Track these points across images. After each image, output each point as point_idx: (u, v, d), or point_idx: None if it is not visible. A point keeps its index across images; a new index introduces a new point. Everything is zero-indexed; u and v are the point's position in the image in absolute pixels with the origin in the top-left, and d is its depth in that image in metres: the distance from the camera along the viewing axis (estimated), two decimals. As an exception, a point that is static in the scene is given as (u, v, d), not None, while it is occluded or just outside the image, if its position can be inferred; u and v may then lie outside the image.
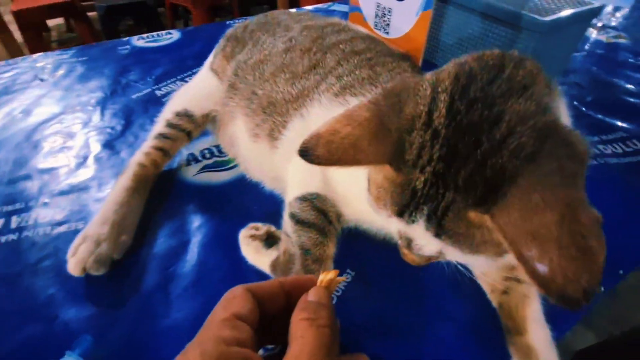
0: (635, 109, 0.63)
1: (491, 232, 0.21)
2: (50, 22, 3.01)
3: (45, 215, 0.43)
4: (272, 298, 0.22)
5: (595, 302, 0.30)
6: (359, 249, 0.38)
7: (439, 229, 0.22)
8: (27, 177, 0.48)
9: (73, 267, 0.34)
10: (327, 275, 0.23)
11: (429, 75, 0.25)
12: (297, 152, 0.24)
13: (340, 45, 0.41)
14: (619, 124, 0.59)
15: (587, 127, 0.58)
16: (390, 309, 0.34)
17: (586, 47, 0.84)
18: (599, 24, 0.94)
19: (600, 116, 0.61)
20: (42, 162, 0.50)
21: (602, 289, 0.36)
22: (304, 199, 0.35)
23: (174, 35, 0.85)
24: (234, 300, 0.21)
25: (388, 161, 0.23)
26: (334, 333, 0.20)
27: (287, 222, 0.36)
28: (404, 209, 0.23)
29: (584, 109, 0.62)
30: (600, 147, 0.54)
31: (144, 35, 0.85)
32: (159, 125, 0.46)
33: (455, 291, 0.36)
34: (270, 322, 0.22)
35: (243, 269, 0.37)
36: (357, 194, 0.29)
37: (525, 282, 0.32)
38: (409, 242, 0.26)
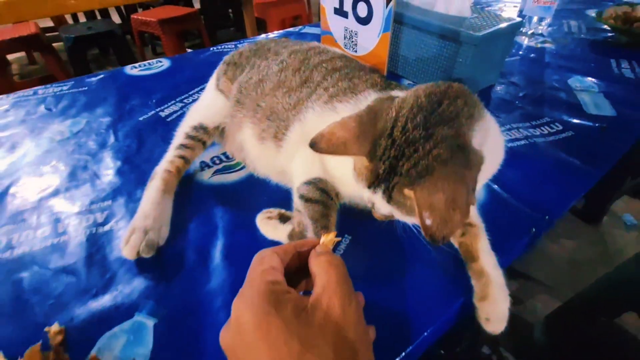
0: (557, 100, 0.78)
1: (413, 202, 0.33)
2: (11, 56, 2.97)
3: (89, 218, 0.51)
4: (288, 257, 0.31)
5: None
6: (354, 219, 0.49)
7: (389, 198, 0.35)
8: (60, 190, 0.55)
9: (128, 252, 0.43)
10: (328, 236, 0.34)
11: (396, 102, 0.37)
12: (307, 144, 0.36)
13: (323, 64, 0.53)
14: (545, 111, 0.74)
15: (520, 116, 0.72)
16: (379, 261, 0.45)
17: (520, 52, 1.01)
18: (530, 32, 1.12)
19: (530, 107, 0.75)
20: (70, 180, 0.58)
21: (534, 230, 0.49)
22: (309, 182, 0.46)
23: (164, 63, 0.94)
24: (265, 258, 0.30)
25: (365, 155, 0.36)
26: (345, 271, 0.29)
27: (297, 203, 0.46)
28: (371, 185, 0.36)
29: (517, 102, 0.77)
30: (531, 130, 0.68)
31: (136, 65, 0.93)
32: (179, 138, 0.56)
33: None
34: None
35: (263, 244, 0.47)
36: (346, 177, 0.40)
37: (476, 225, 0.45)
38: (373, 205, 0.39)
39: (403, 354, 0.36)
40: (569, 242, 1.54)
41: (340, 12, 0.76)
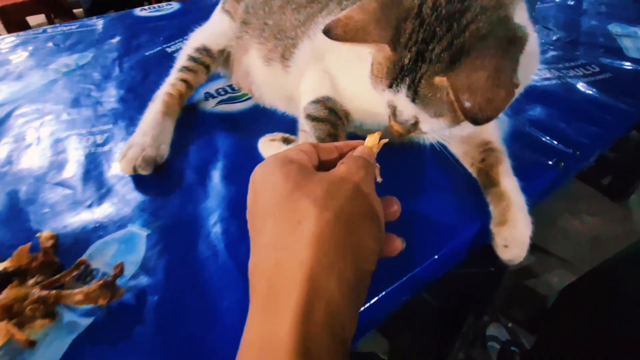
0: (594, 44, 0.71)
1: (448, 93, 0.28)
2: (32, 21, 3.00)
3: (89, 139, 0.49)
4: (327, 151, 0.27)
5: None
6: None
7: (415, 95, 0.30)
8: (62, 114, 0.54)
9: (125, 166, 0.41)
10: (371, 137, 0.28)
11: None
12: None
13: None
14: (581, 54, 0.67)
15: (552, 58, 0.66)
16: (398, 188, 0.42)
17: (556, 0, 0.92)
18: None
19: (564, 51, 0.69)
20: (73, 106, 0.56)
21: (563, 164, 0.44)
22: (317, 101, 0.42)
23: (174, 5, 0.91)
24: (298, 146, 0.26)
25: (388, 42, 0.30)
26: (373, 169, 0.25)
27: (304, 123, 0.42)
28: (393, 81, 0.31)
29: (550, 45, 0.71)
30: (564, 71, 0.62)
31: (145, 7, 0.90)
32: (181, 60, 0.53)
33: (443, 169, 0.43)
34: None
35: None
36: (360, 94, 0.36)
37: (497, 149, 0.40)
38: (394, 110, 0.33)
39: (410, 274, 0.33)
40: (591, 219, 1.47)
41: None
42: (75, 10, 2.64)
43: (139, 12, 0.88)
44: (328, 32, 0.31)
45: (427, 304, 0.91)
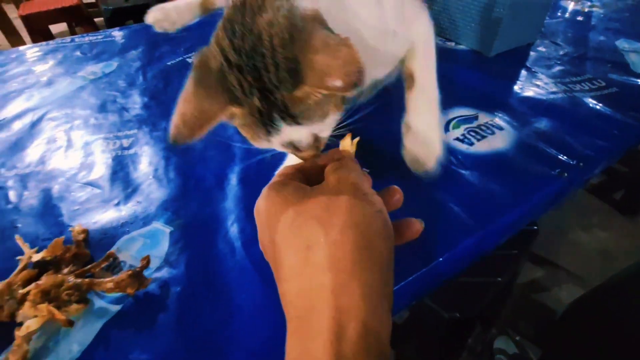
0: (601, 59, 0.73)
1: (314, 92, 0.27)
2: (55, 30, 3.12)
3: (116, 142, 0.52)
4: (310, 170, 0.29)
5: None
6: (368, 153, 0.48)
7: (293, 119, 0.28)
8: (90, 119, 0.57)
9: None
10: (344, 141, 0.30)
11: (212, 37, 0.30)
12: (170, 142, 0.28)
13: None
14: (588, 68, 0.69)
15: (559, 72, 0.68)
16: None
17: (565, 15, 0.94)
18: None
19: (571, 65, 0.70)
20: (100, 111, 0.60)
21: (566, 174, 0.46)
22: None
23: (194, 17, 0.95)
24: (283, 170, 0.29)
25: (230, 104, 0.28)
26: (356, 165, 0.27)
27: None
28: (267, 127, 0.29)
29: (558, 60, 0.72)
30: (570, 85, 0.64)
31: (167, 19, 0.95)
32: None
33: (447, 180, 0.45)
34: None
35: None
36: None
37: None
38: (294, 146, 0.31)
39: (416, 274, 0.35)
40: (602, 233, 1.46)
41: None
42: (95, 19, 2.75)
43: (161, 23, 0.93)
44: (175, 142, 0.28)
45: (434, 313, 0.91)
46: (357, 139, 0.30)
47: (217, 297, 0.33)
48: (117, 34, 0.87)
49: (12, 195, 0.44)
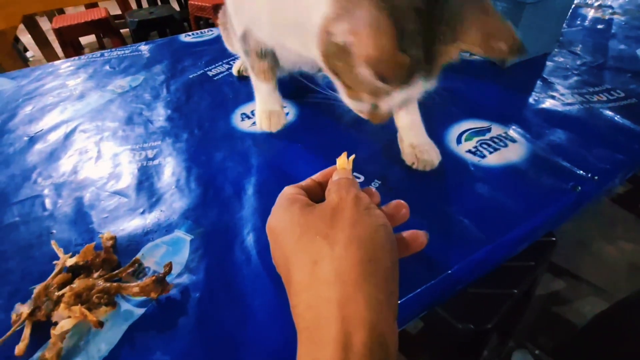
0: (621, 69, 0.71)
1: (471, 49, 0.32)
2: (83, 41, 3.29)
3: (141, 153, 0.56)
4: (310, 187, 0.32)
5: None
6: (382, 163, 0.49)
7: (429, 73, 0.33)
8: (118, 131, 0.61)
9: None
10: (340, 159, 0.32)
11: None
12: None
13: None
14: (606, 79, 0.68)
15: (576, 83, 0.67)
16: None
17: (585, 23, 0.93)
18: (597, 4, 1.03)
19: (588, 75, 0.70)
20: (127, 123, 0.64)
21: (579, 188, 0.45)
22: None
23: (214, 31, 0.99)
24: (286, 189, 0.31)
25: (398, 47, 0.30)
26: (354, 182, 0.29)
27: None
28: (409, 78, 0.33)
29: (575, 70, 0.72)
30: (587, 96, 0.63)
31: (190, 33, 0.99)
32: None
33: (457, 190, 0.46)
34: None
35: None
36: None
37: None
38: (375, 107, 0.37)
39: (426, 285, 0.36)
40: (628, 245, 1.41)
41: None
42: (122, 29, 2.88)
43: (184, 37, 0.97)
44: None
45: (448, 324, 0.91)
46: (352, 157, 0.32)
47: (233, 303, 0.35)
48: (144, 48, 0.92)
49: (48, 203, 0.48)
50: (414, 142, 0.48)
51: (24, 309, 0.33)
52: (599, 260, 1.37)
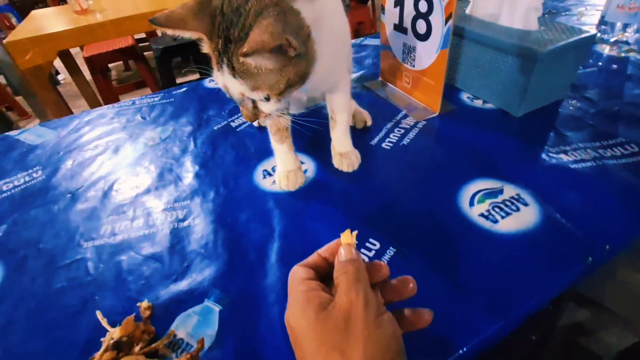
0: (635, 117, 0.72)
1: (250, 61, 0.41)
2: (110, 65, 3.46)
3: (172, 214, 0.60)
4: (317, 265, 0.35)
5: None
6: (397, 230, 0.52)
7: (233, 71, 0.41)
8: (151, 189, 0.66)
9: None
10: (344, 235, 0.35)
11: None
12: (148, 19, 0.41)
13: None
14: (620, 130, 0.69)
15: (589, 135, 0.68)
16: (424, 273, 0.47)
17: (599, 63, 0.93)
18: (612, 39, 1.03)
19: (602, 126, 0.70)
20: (159, 180, 0.69)
21: (590, 259, 0.47)
22: None
23: (237, 76, 1.05)
24: (297, 273, 0.34)
25: (205, 32, 0.42)
26: (361, 269, 0.31)
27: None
28: (217, 64, 0.43)
29: (588, 119, 0.72)
30: (600, 151, 0.64)
31: (212, 78, 1.05)
32: None
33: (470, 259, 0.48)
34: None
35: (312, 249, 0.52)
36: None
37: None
38: (227, 91, 0.47)
39: (437, 365, 0.39)
40: (657, 273, 1.36)
41: (399, 28, 0.79)
42: (145, 53, 3.02)
43: (207, 83, 1.03)
44: (153, 20, 0.41)
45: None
46: (355, 232, 0.35)
47: (259, 378, 0.39)
48: (171, 95, 0.98)
49: (90, 267, 0.53)
50: (342, 151, 0.65)
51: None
52: (626, 289, 1.33)
